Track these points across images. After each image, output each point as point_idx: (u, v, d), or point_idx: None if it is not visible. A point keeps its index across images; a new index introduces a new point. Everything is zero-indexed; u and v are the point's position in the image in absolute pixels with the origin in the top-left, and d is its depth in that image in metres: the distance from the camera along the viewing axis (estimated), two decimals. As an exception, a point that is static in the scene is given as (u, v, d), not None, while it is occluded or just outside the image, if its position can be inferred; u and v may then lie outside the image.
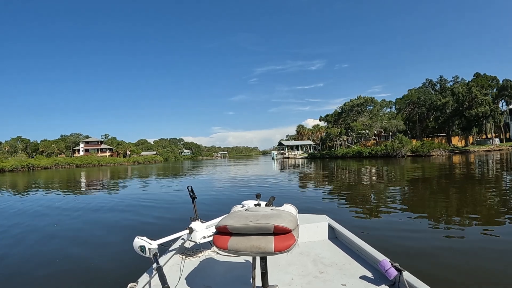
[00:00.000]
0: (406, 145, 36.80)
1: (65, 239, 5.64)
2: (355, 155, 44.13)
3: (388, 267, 1.69)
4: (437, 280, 3.03)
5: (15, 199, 12.50)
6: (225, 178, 18.83)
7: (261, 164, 40.98)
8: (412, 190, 10.42)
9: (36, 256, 4.70)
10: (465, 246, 4.28)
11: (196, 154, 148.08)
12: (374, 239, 4.03)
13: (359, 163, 29.70)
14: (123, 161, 79.34)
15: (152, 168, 42.50)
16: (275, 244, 1.37)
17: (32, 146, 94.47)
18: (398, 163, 27.17)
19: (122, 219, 7.32)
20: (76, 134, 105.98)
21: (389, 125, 43.96)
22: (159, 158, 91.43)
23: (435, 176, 15.09)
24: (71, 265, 4.19)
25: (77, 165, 69.29)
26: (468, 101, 43.82)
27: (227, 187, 13.58)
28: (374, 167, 23.17)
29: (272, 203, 2.03)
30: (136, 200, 10.43)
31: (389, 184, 12.29)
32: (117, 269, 3.93)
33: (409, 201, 8.28)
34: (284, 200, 2.36)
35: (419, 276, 1.61)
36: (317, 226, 2.64)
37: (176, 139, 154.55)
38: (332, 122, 56.42)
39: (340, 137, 48.34)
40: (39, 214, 8.46)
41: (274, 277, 1.90)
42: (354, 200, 8.74)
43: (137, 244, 1.88)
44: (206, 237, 2.29)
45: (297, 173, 21.27)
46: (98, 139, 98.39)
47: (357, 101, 46.88)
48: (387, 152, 37.87)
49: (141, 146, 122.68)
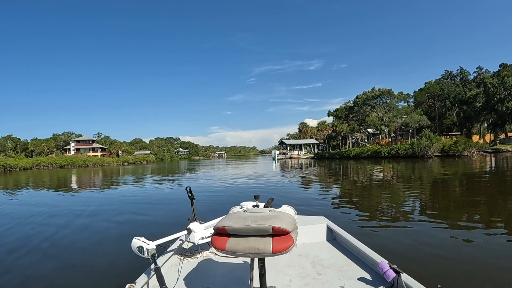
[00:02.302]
0: (436, 143, 30.78)
1: (64, 240, 5.58)
2: (370, 155, 38.11)
3: (386, 269, 1.68)
4: (435, 282, 2.97)
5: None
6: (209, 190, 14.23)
7: (261, 164, 37.36)
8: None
9: (34, 258, 4.59)
10: (468, 249, 4.12)
11: (193, 153, 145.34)
12: (372, 241, 3.92)
13: (379, 165, 24.48)
14: (112, 161, 74.60)
15: (138, 169, 38.38)
16: (273, 245, 1.36)
17: (22, 145, 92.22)
18: (428, 165, 22.16)
19: (120, 219, 7.26)
20: (68, 132, 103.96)
21: (410, 120, 37.85)
22: (151, 158, 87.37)
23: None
24: (69, 266, 4.17)
25: (61, 166, 64.57)
26: (500, 93, 38.05)
27: (224, 189, 12.94)
28: (405, 171, 18.46)
29: (271, 205, 1.98)
30: (136, 200, 10.47)
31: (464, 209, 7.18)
32: (115, 269, 3.92)
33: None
34: (283, 202, 2.45)
35: (417, 278, 1.60)
36: (315, 228, 2.62)
37: (173, 138, 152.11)
38: (343, 117, 50.24)
39: (352, 135, 42.17)
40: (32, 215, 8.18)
41: (272, 278, 1.89)
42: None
43: (135, 244, 1.89)
44: (204, 238, 2.28)
45: (311, 182, 15.45)
46: (89, 138, 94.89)
47: (371, 94, 40.83)
48: (413, 152, 31.82)
49: (136, 145, 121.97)
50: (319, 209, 7.26)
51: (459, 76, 52.43)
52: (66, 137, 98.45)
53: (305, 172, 21.51)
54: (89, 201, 10.80)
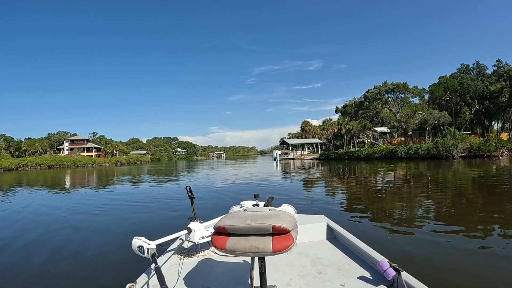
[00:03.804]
0: (464, 142, 26.90)
1: (63, 239, 5.57)
2: (385, 155, 34.19)
3: (386, 268, 1.67)
4: (436, 280, 3.01)
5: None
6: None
7: (261, 165, 34.58)
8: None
9: (34, 257, 4.61)
10: (468, 249, 4.09)
11: (191, 153, 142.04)
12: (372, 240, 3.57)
13: (398, 168, 20.84)
14: (104, 161, 70.88)
15: (125, 171, 35.01)
16: (273, 244, 1.35)
17: (15, 144, 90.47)
18: (457, 167, 19.25)
19: (120, 219, 7.25)
20: (63, 132, 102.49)
21: (429, 116, 33.89)
22: (145, 158, 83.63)
23: None
24: (69, 265, 4.16)
25: (49, 166, 61.01)
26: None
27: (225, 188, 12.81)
28: (444, 175, 14.92)
29: (271, 204, 1.97)
30: (135, 200, 10.35)
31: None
32: (115, 269, 3.92)
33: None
34: (283, 201, 2.58)
35: (418, 276, 1.59)
36: (315, 227, 2.61)
37: (171, 138, 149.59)
38: (352, 113, 46.17)
39: (364, 133, 38.15)
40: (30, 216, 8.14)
41: (273, 277, 1.89)
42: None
43: (135, 244, 1.88)
44: (204, 238, 2.26)
45: (335, 192, 11.72)
46: (84, 138, 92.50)
47: (384, 88, 36.90)
48: (437, 152, 27.89)
49: (133, 145, 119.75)
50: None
51: (475, 70, 48.55)
52: (60, 137, 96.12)
53: (316, 176, 17.76)
54: (89, 201, 10.72)
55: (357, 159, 37.00)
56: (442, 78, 46.25)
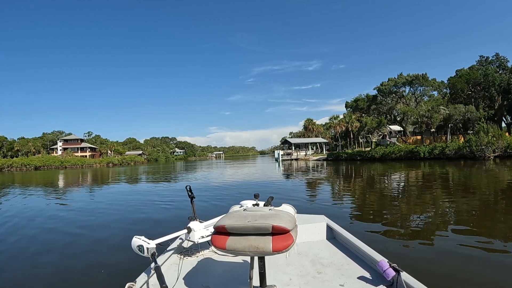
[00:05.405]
0: (501, 140, 22.96)
1: (63, 238, 5.55)
2: (404, 156, 30.32)
3: (386, 268, 1.66)
4: (435, 281, 2.95)
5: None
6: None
7: (263, 166, 30.92)
8: None
9: (34, 256, 4.57)
10: (468, 250, 4.00)
11: (189, 154, 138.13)
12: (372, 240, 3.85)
13: (439, 170, 16.92)
14: (95, 162, 66.76)
15: (114, 172, 31.29)
16: (273, 244, 1.35)
17: (8, 144, 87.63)
18: (498, 171, 15.89)
19: (120, 218, 7.16)
20: (58, 131, 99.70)
21: (454, 112, 29.89)
22: (140, 159, 79.61)
23: None
24: (69, 264, 4.13)
25: (36, 167, 57.08)
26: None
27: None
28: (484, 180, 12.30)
29: (271, 203, 1.97)
30: (135, 199, 10.29)
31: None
32: (115, 268, 3.89)
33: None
34: (282, 201, 2.47)
35: (417, 277, 1.57)
36: (315, 227, 2.58)
37: (169, 138, 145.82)
38: (365, 109, 42.16)
39: (379, 130, 34.06)
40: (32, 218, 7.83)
41: (272, 277, 1.88)
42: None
43: (135, 243, 1.88)
44: (204, 237, 2.24)
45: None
46: (78, 137, 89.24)
47: (400, 80, 32.88)
48: (470, 151, 23.89)
49: (129, 145, 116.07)
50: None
51: (495, 63, 44.62)
52: (54, 136, 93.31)
53: (341, 186, 13.87)
54: (88, 201, 11.00)
55: (371, 159, 32.99)
56: (460, 71, 42.34)
